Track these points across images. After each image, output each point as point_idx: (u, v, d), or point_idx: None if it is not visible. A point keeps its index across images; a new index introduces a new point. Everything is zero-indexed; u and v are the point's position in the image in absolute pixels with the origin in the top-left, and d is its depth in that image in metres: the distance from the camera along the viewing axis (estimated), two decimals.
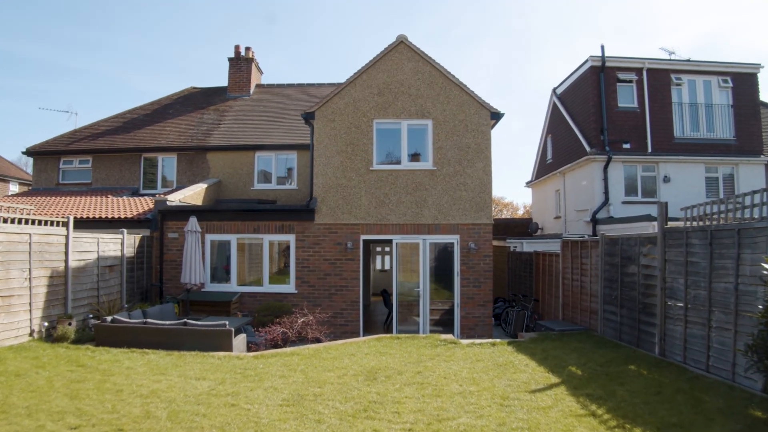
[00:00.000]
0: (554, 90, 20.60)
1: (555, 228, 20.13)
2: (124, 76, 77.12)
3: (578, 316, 10.06)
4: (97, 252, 10.09)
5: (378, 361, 6.93)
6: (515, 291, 14.06)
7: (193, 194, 13.90)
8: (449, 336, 8.87)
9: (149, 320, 8.12)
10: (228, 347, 7.74)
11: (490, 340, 8.49)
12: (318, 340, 8.67)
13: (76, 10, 75.56)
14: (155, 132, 17.43)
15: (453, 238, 11.61)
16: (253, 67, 19.83)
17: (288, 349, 7.71)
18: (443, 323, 11.73)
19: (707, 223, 6.44)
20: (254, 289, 11.81)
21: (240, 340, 8.19)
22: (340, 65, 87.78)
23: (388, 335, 8.87)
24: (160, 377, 6.10)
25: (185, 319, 8.05)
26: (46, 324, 8.44)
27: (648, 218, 12.90)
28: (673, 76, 17.12)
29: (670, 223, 13.10)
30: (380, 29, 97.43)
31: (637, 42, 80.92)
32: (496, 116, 11.83)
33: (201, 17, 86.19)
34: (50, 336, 8.42)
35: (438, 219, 11.58)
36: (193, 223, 11.08)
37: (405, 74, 11.87)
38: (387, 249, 20.77)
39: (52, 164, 17.26)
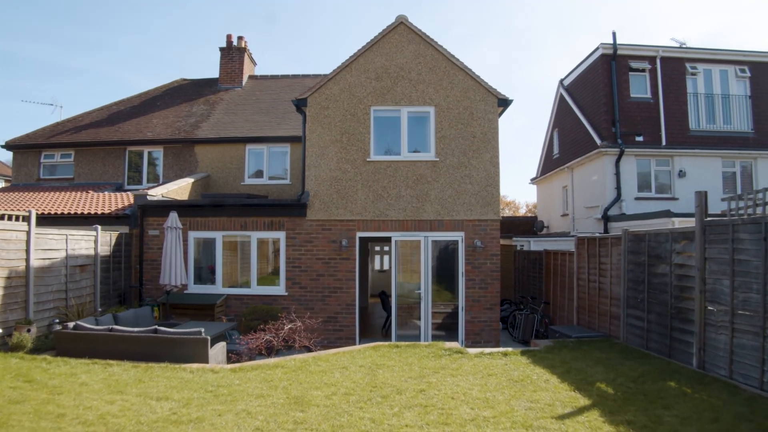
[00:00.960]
0: (561, 81, 19.65)
1: (562, 226, 19.19)
2: (124, 76, 76.18)
3: (596, 320, 9.11)
4: (66, 250, 9.14)
5: (374, 376, 5.99)
6: (523, 293, 13.12)
7: (178, 189, 12.96)
8: (455, 344, 7.93)
9: (116, 327, 7.17)
10: (203, 358, 6.80)
11: (501, 350, 7.54)
12: (308, 349, 7.72)
13: (76, 9, 74.55)
14: (141, 124, 16.49)
15: (457, 236, 10.67)
16: (246, 57, 18.87)
17: (271, 361, 6.77)
18: (446, 327, 10.78)
19: (760, 213, 5.49)
20: (241, 291, 10.86)
21: (218, 350, 7.25)
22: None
23: (387, 343, 7.93)
24: (115, 397, 5.15)
25: (156, 326, 7.10)
26: (0, 330, 7.49)
27: (667, 214, 11.97)
28: (688, 65, 16.18)
29: (680, 220, 12.23)
30: (380, 29, 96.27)
31: (637, 42, 79.78)
32: (504, 103, 10.88)
33: (200, 17, 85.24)
34: (5, 344, 7.47)
35: (441, 214, 10.64)
36: (173, 218, 10.13)
37: (405, 58, 10.93)
38: (386, 248, 19.82)
39: (33, 159, 16.32)
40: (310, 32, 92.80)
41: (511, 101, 10.88)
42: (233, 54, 18.68)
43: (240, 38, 18.89)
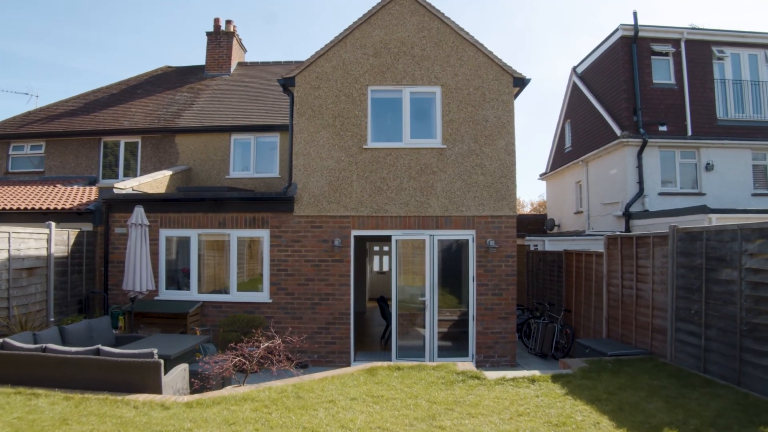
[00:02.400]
0: (574, 69, 18.26)
1: (575, 224, 17.81)
2: (124, 76, 74.78)
3: (632, 334, 7.73)
4: (8, 250, 7.75)
5: (369, 416, 4.60)
6: (539, 298, 11.73)
7: (153, 182, 11.56)
8: (468, 365, 6.54)
9: (50, 347, 5.78)
10: (155, 387, 5.41)
11: (527, 374, 6.15)
12: (302, 365, 6.33)
13: (77, 9, 73.14)
14: (118, 113, 15.09)
15: (467, 234, 9.28)
16: (235, 42, 17.46)
17: (240, 391, 5.38)
18: (454, 338, 9.42)
19: None
20: (219, 298, 9.47)
21: (177, 376, 5.86)
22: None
23: (386, 364, 6.54)
24: None
25: (99, 346, 5.72)
26: None
27: (702, 210, 10.61)
28: (714, 48, 14.81)
29: (719, 217, 10.85)
30: None
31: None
32: (520, 83, 9.51)
33: (200, 16, 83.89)
34: None
35: (448, 210, 9.26)
36: (138, 214, 8.74)
37: (407, 31, 9.54)
38: (386, 248, 18.43)
39: (0, 151, 14.92)
40: (309, 31, 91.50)
41: (528, 80, 9.51)
42: (221, 39, 17.28)
43: (228, 22, 17.47)
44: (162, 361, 5.44)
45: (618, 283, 8.21)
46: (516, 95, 9.66)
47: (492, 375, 6.10)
